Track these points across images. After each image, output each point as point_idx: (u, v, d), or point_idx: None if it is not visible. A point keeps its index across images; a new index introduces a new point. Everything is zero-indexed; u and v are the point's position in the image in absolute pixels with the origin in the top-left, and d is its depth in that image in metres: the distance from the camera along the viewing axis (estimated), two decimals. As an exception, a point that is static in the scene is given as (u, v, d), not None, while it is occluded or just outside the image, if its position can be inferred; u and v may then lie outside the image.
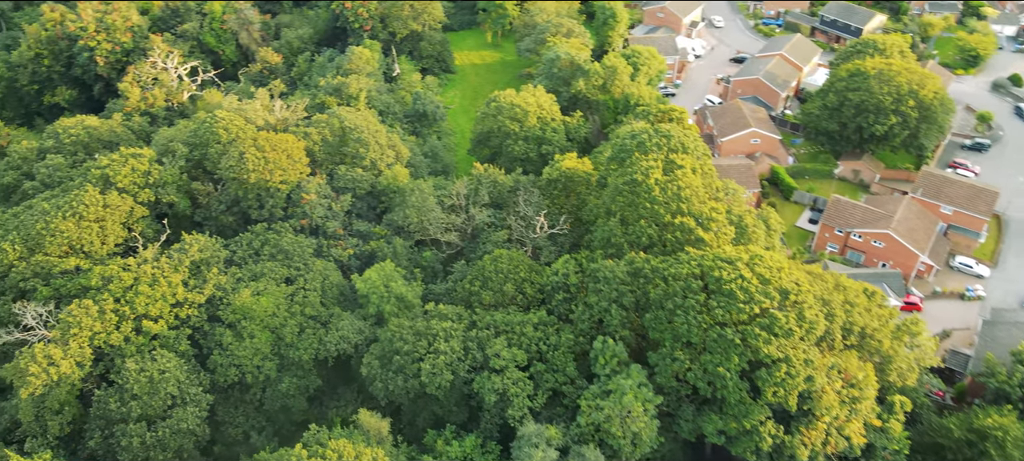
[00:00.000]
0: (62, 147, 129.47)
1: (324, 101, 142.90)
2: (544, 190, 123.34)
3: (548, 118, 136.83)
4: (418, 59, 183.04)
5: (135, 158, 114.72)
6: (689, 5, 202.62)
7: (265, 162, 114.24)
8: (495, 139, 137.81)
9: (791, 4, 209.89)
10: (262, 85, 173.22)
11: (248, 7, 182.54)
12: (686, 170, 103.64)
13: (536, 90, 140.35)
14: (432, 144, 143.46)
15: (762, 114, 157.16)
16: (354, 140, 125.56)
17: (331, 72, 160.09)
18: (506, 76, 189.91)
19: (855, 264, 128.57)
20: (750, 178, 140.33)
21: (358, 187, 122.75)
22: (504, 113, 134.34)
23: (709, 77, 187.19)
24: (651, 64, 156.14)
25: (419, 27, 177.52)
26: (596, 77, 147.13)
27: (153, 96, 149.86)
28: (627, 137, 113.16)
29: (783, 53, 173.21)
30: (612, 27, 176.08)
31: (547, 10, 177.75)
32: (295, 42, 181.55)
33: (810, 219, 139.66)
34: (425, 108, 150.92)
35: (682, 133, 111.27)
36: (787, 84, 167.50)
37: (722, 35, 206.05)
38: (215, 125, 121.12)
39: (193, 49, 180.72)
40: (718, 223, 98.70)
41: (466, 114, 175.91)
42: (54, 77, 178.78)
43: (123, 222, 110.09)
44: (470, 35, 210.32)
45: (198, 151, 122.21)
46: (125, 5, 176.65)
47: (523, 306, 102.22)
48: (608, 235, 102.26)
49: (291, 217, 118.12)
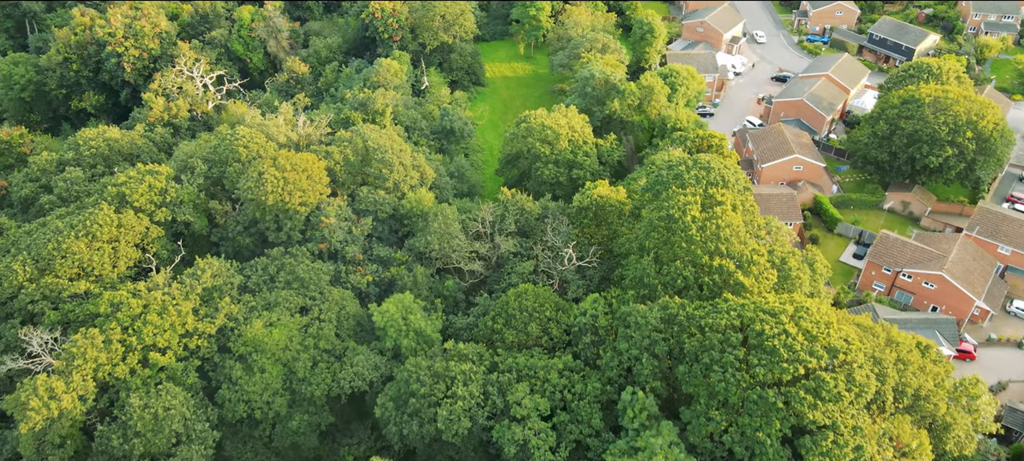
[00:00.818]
0: (82, 159, 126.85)
1: (349, 116, 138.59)
2: (574, 218, 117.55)
3: (580, 141, 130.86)
4: (448, 71, 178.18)
5: (152, 175, 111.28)
6: (730, 19, 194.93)
7: (284, 183, 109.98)
8: (524, 161, 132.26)
9: (838, 20, 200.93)
10: (288, 95, 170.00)
11: (277, 14, 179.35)
12: (726, 207, 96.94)
13: (568, 111, 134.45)
14: (458, 163, 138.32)
15: (805, 139, 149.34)
16: (377, 160, 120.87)
17: (358, 84, 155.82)
18: (538, 90, 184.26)
19: (903, 306, 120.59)
20: (792, 209, 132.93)
21: (380, 210, 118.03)
22: (534, 135, 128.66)
23: (749, 96, 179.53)
24: (689, 84, 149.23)
25: (450, 39, 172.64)
26: (631, 97, 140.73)
27: (177, 106, 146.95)
28: (663, 167, 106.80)
29: (829, 74, 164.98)
30: (649, 43, 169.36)
31: (582, 24, 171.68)
32: (323, 51, 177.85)
33: (855, 254, 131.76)
34: (453, 125, 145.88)
35: (722, 164, 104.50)
36: (833, 107, 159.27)
37: (764, 51, 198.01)
38: (235, 142, 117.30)
39: (220, 56, 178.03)
40: (760, 266, 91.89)
41: (495, 129, 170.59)
42: (82, 82, 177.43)
43: (138, 243, 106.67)
44: (502, 46, 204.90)
45: (217, 169, 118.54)
46: (154, 10, 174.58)
47: (548, 348, 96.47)
48: (641, 275, 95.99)
49: (309, 240, 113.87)
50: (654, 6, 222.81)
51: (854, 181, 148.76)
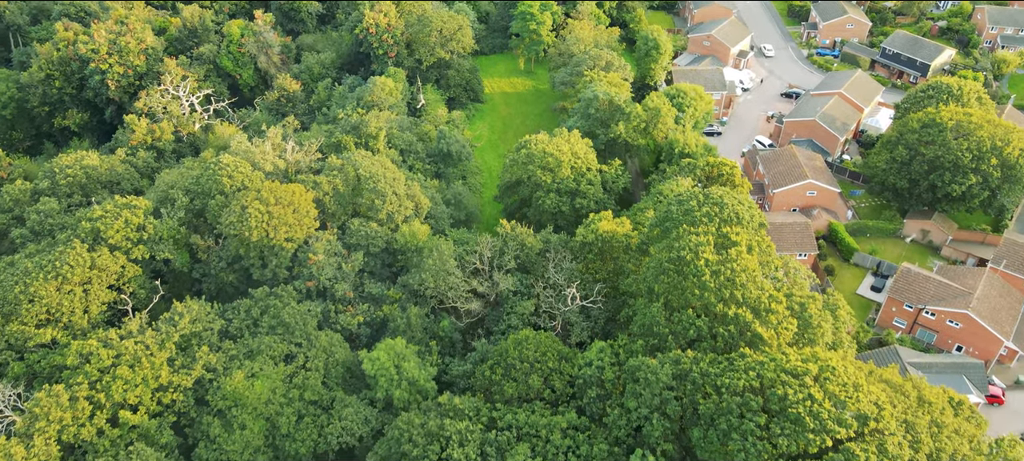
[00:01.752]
0: (57, 189, 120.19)
1: (341, 141, 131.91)
2: (577, 253, 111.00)
3: (583, 168, 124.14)
4: (445, 88, 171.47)
5: (129, 209, 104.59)
6: (738, 33, 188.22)
7: (269, 218, 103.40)
8: (524, 189, 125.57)
9: (848, 33, 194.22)
10: (279, 114, 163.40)
11: (268, 29, 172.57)
12: (741, 248, 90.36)
13: (571, 135, 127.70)
14: (455, 190, 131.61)
15: (819, 162, 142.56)
16: (369, 190, 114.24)
17: (351, 104, 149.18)
18: (538, 107, 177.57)
19: (926, 345, 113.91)
20: (807, 239, 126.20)
21: (371, 244, 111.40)
22: (535, 161, 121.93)
23: (758, 114, 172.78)
24: (697, 105, 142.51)
25: (447, 55, 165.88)
26: (637, 120, 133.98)
27: (160, 129, 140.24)
28: (673, 202, 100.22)
29: (842, 92, 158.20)
30: (655, 60, 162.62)
31: (584, 40, 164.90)
32: (316, 67, 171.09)
33: (873, 286, 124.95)
34: (450, 148, 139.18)
35: (735, 200, 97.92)
36: (846, 127, 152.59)
37: (772, 66, 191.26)
38: (219, 172, 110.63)
39: (209, 73, 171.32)
40: (778, 314, 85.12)
41: (494, 150, 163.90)
42: (65, 99, 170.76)
43: (113, 283, 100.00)
44: (501, 60, 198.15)
45: (199, 200, 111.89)
46: (140, 25, 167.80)
47: (550, 402, 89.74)
48: (650, 323, 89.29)
49: (297, 277, 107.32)
50: (658, 17, 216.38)
51: (870, 206, 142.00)
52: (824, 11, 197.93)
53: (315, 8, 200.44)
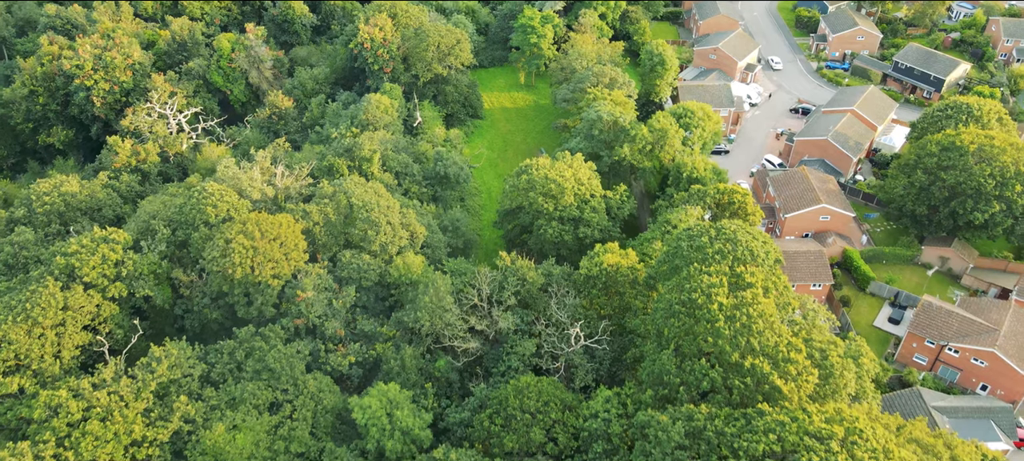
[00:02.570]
0: (34, 218, 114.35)
1: (333, 164, 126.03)
2: (580, 287, 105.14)
3: (587, 194, 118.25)
4: (443, 104, 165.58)
5: (107, 244, 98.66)
6: (745, 45, 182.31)
7: (254, 253, 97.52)
8: (524, 216, 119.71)
9: (859, 45, 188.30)
10: (271, 132, 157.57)
11: (259, 43, 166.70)
12: (757, 290, 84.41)
13: (574, 159, 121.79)
14: (453, 216, 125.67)
15: (832, 185, 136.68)
16: (362, 220, 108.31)
17: (345, 122, 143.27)
18: (540, 124, 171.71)
19: (948, 384, 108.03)
20: (821, 268, 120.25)
21: (364, 278, 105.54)
22: (536, 188, 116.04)
23: (767, 130, 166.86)
24: (705, 125, 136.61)
25: (444, 71, 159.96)
26: (643, 142, 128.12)
27: (146, 150, 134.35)
28: (683, 237, 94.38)
29: (855, 109, 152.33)
30: (660, 75, 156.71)
31: (586, 55, 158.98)
32: (309, 83, 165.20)
33: (891, 318, 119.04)
34: (447, 171, 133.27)
35: (749, 236, 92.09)
36: (859, 147, 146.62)
37: (781, 79, 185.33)
38: (203, 202, 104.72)
39: (198, 88, 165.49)
40: (798, 365, 79.22)
41: (494, 169, 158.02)
42: (50, 116, 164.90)
43: (87, 324, 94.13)
44: (501, 73, 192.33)
45: (182, 231, 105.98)
46: (127, 40, 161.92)
47: (553, 455, 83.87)
48: (660, 371, 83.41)
49: (285, 315, 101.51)
50: (662, 28, 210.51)
51: (885, 231, 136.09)
52: (833, 22, 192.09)
53: (309, 19, 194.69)
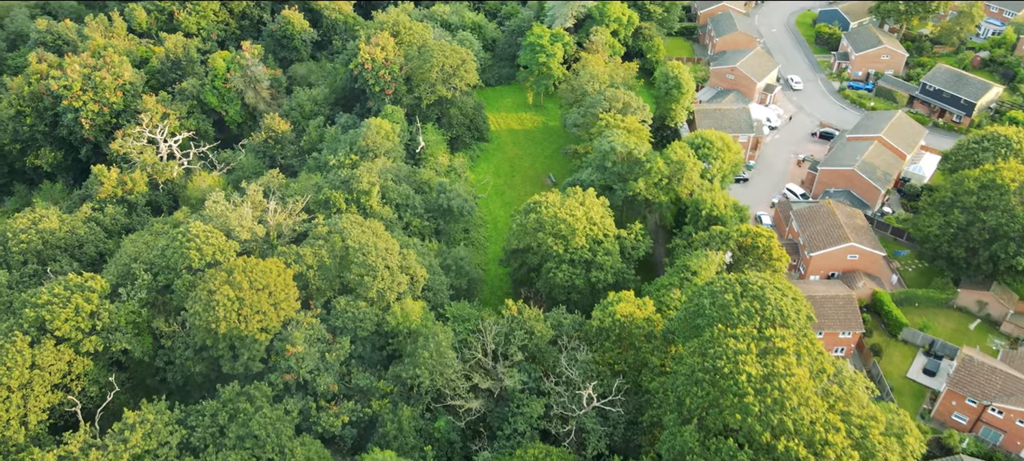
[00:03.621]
0: (9, 257, 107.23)
1: (329, 197, 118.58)
2: (592, 339, 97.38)
3: (599, 234, 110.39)
4: (447, 127, 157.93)
5: (82, 292, 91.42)
6: (764, 66, 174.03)
7: (239, 306, 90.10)
8: (532, 257, 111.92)
9: (883, 65, 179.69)
10: (267, 156, 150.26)
11: (256, 62, 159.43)
12: (789, 359, 76.59)
13: (585, 195, 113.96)
14: (456, 255, 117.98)
15: (860, 220, 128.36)
16: (358, 264, 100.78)
17: (344, 149, 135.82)
18: (549, 147, 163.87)
19: (991, 446, 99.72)
20: (851, 315, 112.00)
21: (360, 328, 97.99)
22: (545, 228, 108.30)
23: (788, 156, 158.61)
24: (725, 156, 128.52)
25: (449, 93, 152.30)
26: (659, 175, 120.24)
27: (132, 180, 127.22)
28: (705, 293, 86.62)
29: (882, 136, 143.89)
30: (676, 99, 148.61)
31: (598, 77, 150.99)
32: (307, 104, 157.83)
33: (925, 368, 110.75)
34: (450, 203, 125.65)
35: (778, 293, 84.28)
36: (888, 178, 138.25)
37: (801, 100, 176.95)
38: (187, 245, 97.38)
39: (193, 109, 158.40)
40: (837, 448, 71.29)
41: (501, 197, 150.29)
42: (38, 137, 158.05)
43: (58, 383, 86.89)
44: (508, 92, 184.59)
45: (164, 277, 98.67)
46: (118, 58, 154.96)
47: (563, 542, 76.22)
48: (682, 449, 75.59)
49: (274, 369, 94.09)
50: (677, 44, 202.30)
51: (917, 270, 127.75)
52: (856, 41, 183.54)
53: (309, 35, 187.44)
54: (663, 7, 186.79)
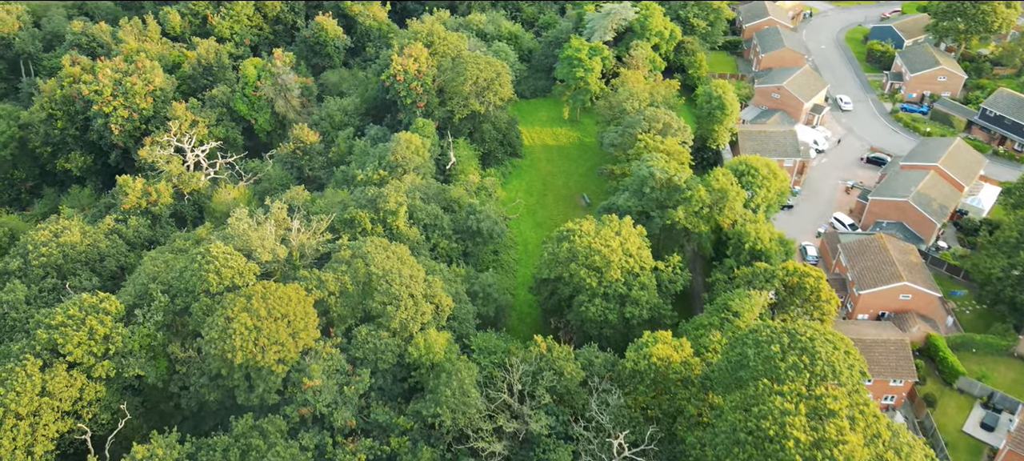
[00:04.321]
0: (29, 271, 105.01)
1: (355, 216, 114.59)
2: (625, 381, 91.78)
3: (635, 266, 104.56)
4: (479, 142, 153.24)
5: (96, 314, 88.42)
6: (812, 85, 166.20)
7: (256, 335, 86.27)
8: (564, 288, 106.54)
9: (940, 86, 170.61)
10: (295, 166, 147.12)
11: (287, 70, 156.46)
12: (841, 422, 70.29)
13: (622, 224, 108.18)
14: (483, 282, 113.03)
15: (914, 256, 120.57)
16: (381, 292, 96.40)
17: (372, 163, 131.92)
18: (583, 165, 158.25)
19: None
20: (903, 362, 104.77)
21: (381, 359, 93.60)
22: (578, 259, 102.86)
23: (836, 182, 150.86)
24: (770, 184, 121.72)
25: (482, 107, 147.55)
26: (699, 203, 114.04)
27: (157, 191, 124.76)
28: (748, 342, 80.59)
29: (939, 166, 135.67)
30: (719, 120, 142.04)
31: (638, 95, 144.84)
32: (337, 115, 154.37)
33: (983, 423, 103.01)
34: (480, 225, 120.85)
35: (829, 346, 77.92)
36: (944, 210, 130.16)
37: (851, 121, 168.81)
38: (206, 268, 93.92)
39: (222, 116, 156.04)
40: (893, 527, 64.99)
41: (532, 216, 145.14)
42: (68, 141, 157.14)
43: (68, 410, 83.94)
44: (544, 105, 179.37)
45: (182, 299, 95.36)
46: (150, 64, 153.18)
47: None
48: (720, 518, 69.83)
49: (290, 401, 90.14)
50: (720, 58, 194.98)
51: (975, 312, 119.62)
52: (911, 59, 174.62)
53: (343, 42, 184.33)
54: (707, 21, 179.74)
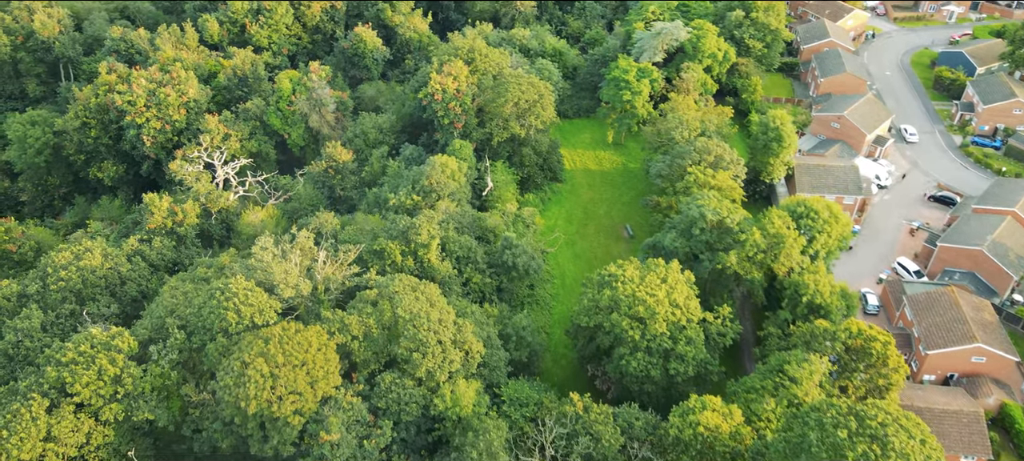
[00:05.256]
0: (47, 296, 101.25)
1: (384, 248, 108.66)
2: (668, 448, 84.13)
3: (682, 319, 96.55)
4: (518, 166, 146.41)
5: (107, 353, 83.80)
6: (876, 115, 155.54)
7: (273, 382, 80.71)
8: (603, 338, 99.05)
9: (1015, 119, 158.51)
10: (326, 185, 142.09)
11: (323, 84, 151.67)
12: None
13: (668, 270, 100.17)
14: (517, 324, 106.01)
15: (988, 313, 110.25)
16: (408, 337, 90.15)
17: (406, 187, 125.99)
18: (627, 193, 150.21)
19: None
20: (977, 436, 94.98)
21: (404, 411, 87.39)
22: (620, 308, 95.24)
23: (899, 221, 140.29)
24: (831, 229, 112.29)
25: (522, 131, 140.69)
26: (753, 249, 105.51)
27: (183, 211, 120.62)
28: (810, 424, 72.36)
29: (1017, 211, 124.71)
30: (775, 153, 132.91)
31: (689, 123, 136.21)
32: (372, 132, 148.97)
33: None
34: (516, 260, 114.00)
35: (904, 433, 69.33)
36: (1022, 261, 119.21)
37: (916, 154, 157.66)
38: (225, 306, 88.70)
39: (255, 130, 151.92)
40: None
41: (571, 248, 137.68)
42: (101, 150, 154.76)
43: (73, 456, 79.36)
44: (587, 126, 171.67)
45: (199, 337, 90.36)
46: (185, 74, 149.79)
47: None
48: None
49: (306, 454, 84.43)
50: (775, 81, 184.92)
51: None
52: (984, 89, 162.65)
53: (382, 54, 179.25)
54: (764, 42, 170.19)
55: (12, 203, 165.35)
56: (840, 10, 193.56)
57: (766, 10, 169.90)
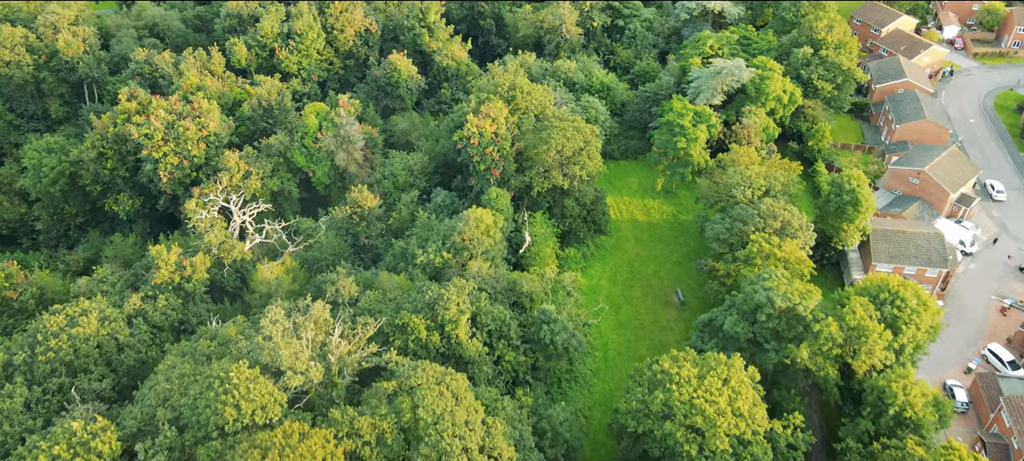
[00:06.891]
0: (35, 368, 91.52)
1: (407, 322, 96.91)
2: None
3: (747, 431, 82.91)
4: (560, 218, 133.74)
5: (86, 455, 73.30)
6: (961, 171, 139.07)
7: (269, 506, 69.40)
8: (653, 448, 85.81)
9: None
10: (350, 233, 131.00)
11: (351, 120, 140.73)
12: None
13: (731, 369, 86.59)
14: (553, 418, 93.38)
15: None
16: (429, 443, 78.25)
17: (435, 243, 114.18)
18: (678, 250, 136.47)
19: None
20: None
21: (421, 534, 75.50)
22: (675, 416, 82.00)
23: (987, 296, 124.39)
24: (920, 318, 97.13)
25: (565, 183, 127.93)
26: (829, 342, 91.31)
27: (192, 265, 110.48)
28: None
29: None
30: (850, 218, 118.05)
31: (752, 181, 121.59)
32: (401, 174, 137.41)
33: None
34: (554, 337, 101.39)
35: None
36: None
37: (1004, 214, 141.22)
38: (224, 399, 77.78)
39: (277, 167, 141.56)
40: None
41: (616, 313, 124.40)
42: (118, 181, 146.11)
43: None
44: (634, 170, 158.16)
45: (193, 433, 79.55)
46: (207, 105, 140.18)
47: None
48: None
49: None
50: (842, 124, 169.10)
51: None
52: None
53: (417, 83, 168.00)
54: (834, 83, 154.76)
55: (28, 230, 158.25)
56: (917, 45, 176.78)
57: (837, 48, 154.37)
